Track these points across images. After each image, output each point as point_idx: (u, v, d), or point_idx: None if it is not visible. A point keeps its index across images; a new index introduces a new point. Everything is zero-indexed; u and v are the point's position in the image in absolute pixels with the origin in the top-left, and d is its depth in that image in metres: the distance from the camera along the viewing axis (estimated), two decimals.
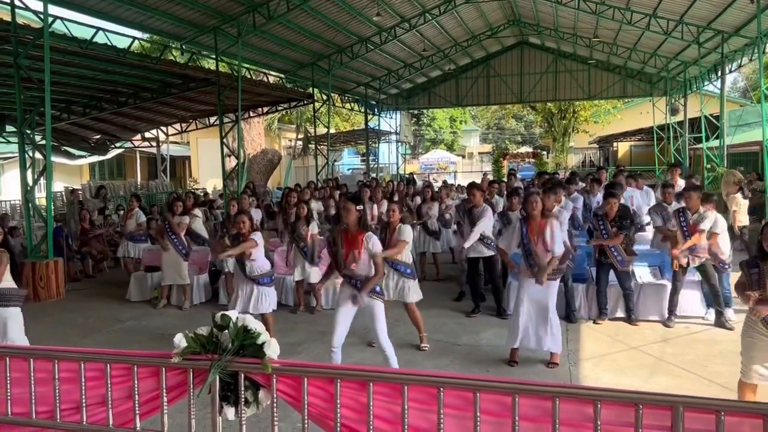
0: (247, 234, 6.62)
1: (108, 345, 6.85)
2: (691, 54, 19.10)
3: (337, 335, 5.24)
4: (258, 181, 19.72)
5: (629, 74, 25.59)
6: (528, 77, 26.71)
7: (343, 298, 5.32)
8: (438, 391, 2.29)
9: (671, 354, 6.27)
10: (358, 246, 5.16)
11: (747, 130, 21.50)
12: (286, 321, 7.87)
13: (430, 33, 20.98)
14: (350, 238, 5.23)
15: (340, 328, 5.25)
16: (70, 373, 2.71)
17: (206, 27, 14.09)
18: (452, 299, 8.84)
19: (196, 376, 2.57)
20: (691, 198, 7.18)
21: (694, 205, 7.13)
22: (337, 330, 5.24)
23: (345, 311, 5.27)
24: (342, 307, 5.29)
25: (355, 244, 5.18)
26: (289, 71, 19.78)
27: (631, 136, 32.25)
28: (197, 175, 27.92)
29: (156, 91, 15.92)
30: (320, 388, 2.47)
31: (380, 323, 5.23)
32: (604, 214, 7.40)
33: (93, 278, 11.72)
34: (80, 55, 11.55)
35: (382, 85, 25.42)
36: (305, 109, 27.19)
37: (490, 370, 5.91)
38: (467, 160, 53.07)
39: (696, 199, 7.16)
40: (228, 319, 2.58)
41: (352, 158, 44.56)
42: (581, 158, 42.47)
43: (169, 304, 9.08)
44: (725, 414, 2.00)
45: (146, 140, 23.18)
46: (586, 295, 7.68)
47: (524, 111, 48.43)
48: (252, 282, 6.62)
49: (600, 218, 7.43)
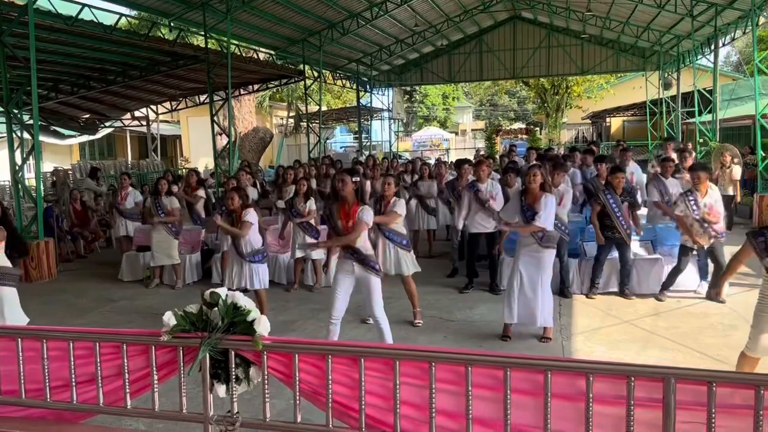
0: (240, 210, 6.60)
1: (100, 325, 6.84)
2: (684, 27, 18.98)
3: (337, 308, 5.30)
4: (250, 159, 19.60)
5: (622, 48, 25.45)
6: (521, 52, 26.53)
7: (340, 272, 5.33)
8: (430, 366, 2.28)
9: (663, 327, 6.31)
10: (354, 218, 5.16)
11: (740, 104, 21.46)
12: (278, 299, 7.86)
13: (422, 8, 20.74)
14: (347, 210, 5.23)
15: (340, 301, 5.30)
16: (59, 352, 2.69)
17: (194, 3, 13.87)
18: (445, 275, 8.86)
19: (187, 354, 2.56)
20: (700, 179, 6.78)
21: (704, 187, 6.81)
22: (336, 303, 5.29)
23: (343, 284, 5.31)
24: (339, 281, 5.32)
25: (352, 216, 5.18)
26: (280, 48, 19.55)
27: (624, 111, 32.19)
28: (188, 154, 27.74)
29: (144, 69, 15.72)
30: (312, 364, 2.46)
31: (377, 297, 5.27)
32: (613, 188, 7.33)
33: (85, 258, 11.67)
34: (66, 32, 11.36)
35: (374, 62, 25.20)
36: (296, 87, 26.93)
37: (483, 345, 5.93)
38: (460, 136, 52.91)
39: (705, 179, 6.82)
40: (217, 296, 2.56)
41: (345, 136, 44.32)
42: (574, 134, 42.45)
43: (161, 284, 9.05)
44: (717, 385, 2.00)
45: (136, 119, 22.97)
46: (579, 270, 7.70)
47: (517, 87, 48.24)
48: (244, 259, 6.60)
49: (608, 193, 7.29)
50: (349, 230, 5.20)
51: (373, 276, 5.25)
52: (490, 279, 7.97)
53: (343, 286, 5.32)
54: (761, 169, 12.37)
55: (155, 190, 9.18)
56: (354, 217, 5.18)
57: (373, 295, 5.27)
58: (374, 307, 5.29)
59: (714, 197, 6.85)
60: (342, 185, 5.25)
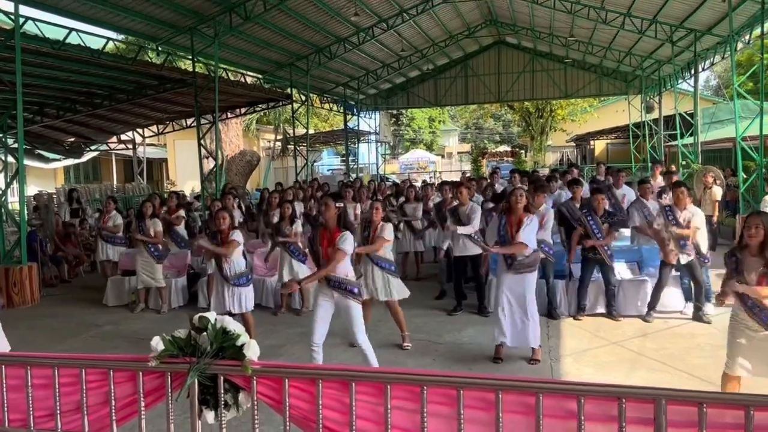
0: (227, 231, 6.57)
1: (85, 350, 6.73)
2: (665, 52, 19.34)
3: (317, 333, 5.23)
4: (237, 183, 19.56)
5: (605, 73, 25.85)
6: (505, 77, 26.87)
7: (320, 297, 5.30)
8: (421, 390, 2.27)
9: (651, 348, 6.32)
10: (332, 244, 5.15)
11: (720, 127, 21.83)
12: (266, 323, 7.80)
13: (408, 33, 20.99)
14: (329, 236, 5.21)
15: (320, 325, 5.24)
16: (44, 380, 2.65)
17: (182, 27, 13.93)
18: (434, 298, 8.84)
19: (175, 380, 2.53)
20: (683, 194, 7.05)
21: (683, 203, 7.04)
22: (316, 328, 5.23)
23: (324, 309, 5.27)
24: (320, 305, 5.28)
25: (332, 242, 5.16)
26: (267, 71, 19.65)
27: (608, 134, 32.58)
28: (175, 177, 27.63)
29: (131, 93, 15.70)
30: (302, 389, 2.44)
31: (357, 323, 5.20)
32: (593, 210, 7.41)
33: (69, 283, 11.52)
34: (53, 56, 11.34)
35: (361, 86, 25.39)
36: (284, 110, 27.04)
37: (472, 367, 5.91)
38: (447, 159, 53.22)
39: (686, 195, 7.08)
40: (206, 320, 2.54)
41: (332, 159, 44.42)
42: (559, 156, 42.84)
43: (147, 308, 8.95)
44: (707, 406, 2.01)
45: (122, 142, 22.87)
46: (566, 291, 7.73)
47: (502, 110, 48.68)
48: (228, 282, 6.57)
49: (589, 214, 7.41)
50: (328, 256, 5.16)
51: (352, 301, 5.19)
52: (478, 301, 7.96)
53: (323, 312, 5.27)
54: (743, 190, 12.54)
55: (139, 213, 9.14)
56: (334, 243, 5.15)
57: (353, 320, 5.19)
58: (356, 333, 5.21)
59: (693, 212, 7.01)
60: (324, 209, 5.25)
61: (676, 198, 7.10)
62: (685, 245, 6.99)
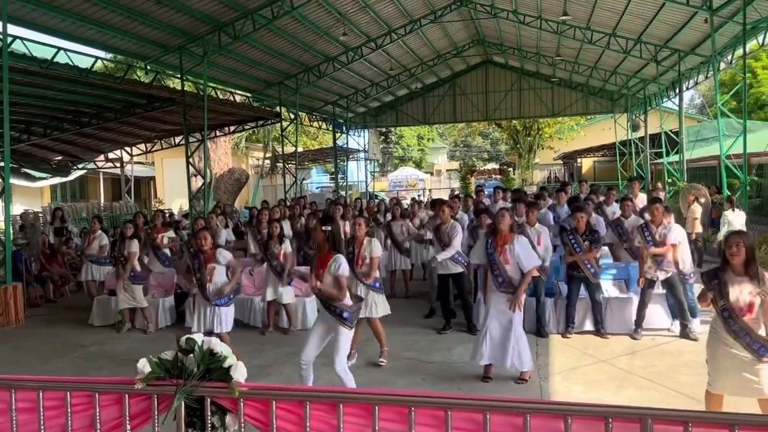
0: (209, 251, 6.58)
1: (70, 372, 6.65)
2: (650, 72, 19.64)
3: (308, 351, 5.19)
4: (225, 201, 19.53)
5: (591, 92, 26.17)
6: (493, 95, 27.14)
7: (320, 316, 5.33)
8: (409, 411, 2.27)
9: (639, 366, 6.34)
10: (324, 267, 5.14)
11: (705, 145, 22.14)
12: (253, 343, 7.75)
13: (397, 52, 21.18)
14: (321, 259, 5.21)
15: (311, 343, 5.20)
16: (29, 403, 2.61)
17: (171, 46, 13.98)
18: (423, 316, 8.83)
19: (161, 402, 2.51)
20: (658, 211, 7.27)
21: (658, 219, 7.24)
22: (307, 345, 5.20)
23: (319, 329, 5.26)
24: (316, 324, 5.31)
25: (322, 265, 5.15)
26: (256, 90, 19.71)
27: (595, 152, 32.90)
28: (163, 196, 27.53)
29: (120, 111, 15.70)
30: (289, 411, 2.42)
31: (342, 353, 5.11)
32: (574, 229, 7.49)
33: (54, 303, 11.39)
34: (41, 75, 11.34)
35: (350, 104, 25.52)
36: (273, 128, 27.10)
37: (461, 387, 5.90)
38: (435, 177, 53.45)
39: (661, 212, 7.28)
40: (193, 342, 2.53)
41: (321, 176, 44.47)
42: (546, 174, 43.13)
43: (133, 328, 8.86)
44: (692, 425, 2.02)
45: (110, 161, 22.80)
46: (554, 309, 7.75)
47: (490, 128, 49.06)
48: (209, 302, 6.56)
49: (570, 233, 7.50)
50: (320, 277, 5.14)
51: (343, 328, 5.12)
52: (466, 320, 7.96)
53: (319, 330, 5.25)
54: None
55: (121, 234, 9.13)
56: (325, 266, 5.12)
57: (338, 346, 5.10)
58: (336, 359, 5.09)
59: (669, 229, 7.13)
60: (315, 235, 5.28)
61: (651, 214, 7.30)
62: (662, 262, 7.08)
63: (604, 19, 16.41)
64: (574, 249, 7.38)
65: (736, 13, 12.29)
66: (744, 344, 4.02)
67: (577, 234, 7.43)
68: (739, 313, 4.03)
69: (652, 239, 7.15)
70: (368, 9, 16.28)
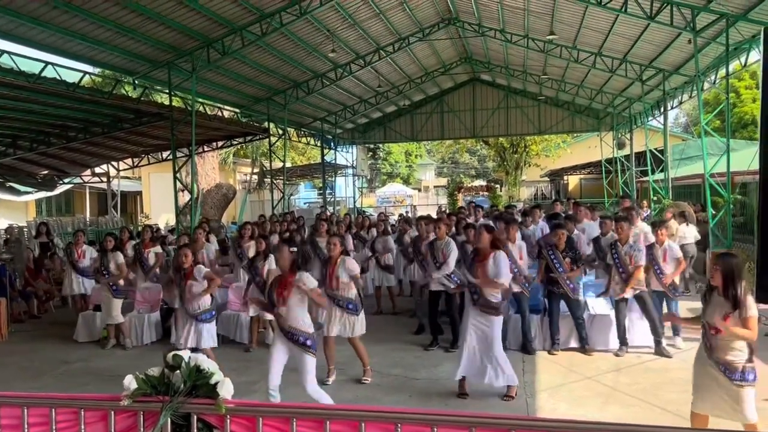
0: (190, 268, 6.60)
1: (54, 388, 6.57)
2: (635, 91, 19.92)
3: (273, 377, 5.16)
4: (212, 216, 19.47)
5: (577, 110, 26.46)
6: (480, 113, 27.36)
7: (277, 339, 5.27)
8: (395, 427, 2.28)
9: (625, 383, 6.37)
10: (288, 288, 5.12)
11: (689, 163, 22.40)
12: (239, 359, 7.70)
13: (385, 70, 21.33)
14: (282, 281, 5.20)
15: (275, 369, 5.17)
16: (13, 420, 2.59)
17: (160, 62, 13.99)
18: (411, 332, 8.82)
19: (147, 419, 2.50)
20: (622, 229, 7.29)
21: (625, 236, 7.29)
22: (271, 372, 5.16)
23: (278, 353, 5.20)
24: (275, 348, 5.23)
25: (285, 286, 5.14)
26: (245, 106, 19.74)
27: (581, 170, 33.19)
28: (149, 211, 27.39)
29: (107, 126, 15.65)
30: (276, 428, 2.43)
31: (308, 374, 5.08)
32: (554, 245, 7.54)
33: (38, 318, 11.26)
34: (28, 89, 11.30)
35: (338, 120, 25.62)
36: (261, 143, 27.10)
37: (448, 403, 5.89)
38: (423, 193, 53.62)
39: (627, 229, 7.31)
40: (180, 358, 2.53)
41: (309, 192, 44.44)
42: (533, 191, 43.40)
43: (118, 344, 8.78)
44: None
45: (96, 175, 22.67)
46: (540, 326, 7.78)
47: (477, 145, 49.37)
48: (193, 318, 6.56)
49: (550, 249, 7.55)
50: (280, 303, 5.12)
51: (307, 355, 5.08)
52: (453, 336, 7.96)
53: (279, 356, 5.19)
54: (712, 226, 12.82)
55: (101, 247, 9.09)
56: (289, 289, 5.09)
57: (304, 371, 5.07)
58: (306, 385, 5.07)
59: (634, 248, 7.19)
60: (279, 255, 5.28)
61: (618, 231, 7.33)
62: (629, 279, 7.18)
63: (590, 38, 16.65)
64: (554, 265, 7.43)
65: (719, 34, 12.52)
66: (713, 362, 4.09)
67: (557, 250, 7.48)
68: (711, 331, 4.10)
69: (618, 258, 7.20)
70: (357, 26, 16.41)
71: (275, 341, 5.29)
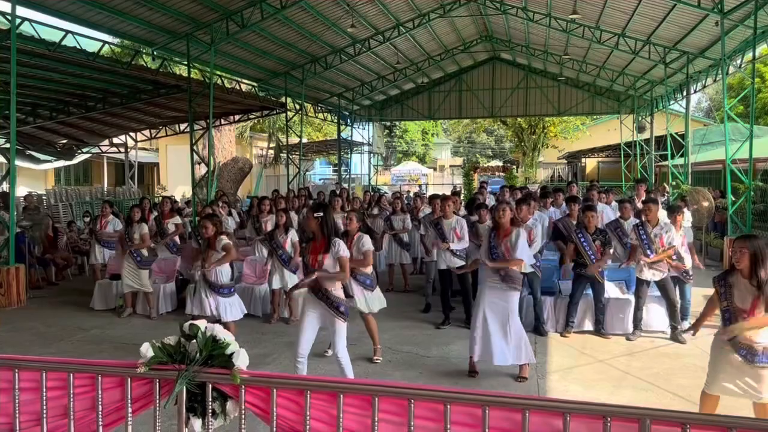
0: (214, 238, 6.63)
1: (71, 354, 6.68)
2: (658, 73, 19.57)
3: (303, 345, 5.16)
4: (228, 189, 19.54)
5: (598, 92, 26.10)
6: (499, 92, 27.07)
7: (308, 307, 5.27)
8: (409, 403, 2.28)
9: (637, 367, 6.36)
10: (323, 252, 5.15)
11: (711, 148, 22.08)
12: (254, 332, 7.78)
13: (404, 46, 21.13)
14: (317, 245, 5.23)
15: (306, 337, 5.18)
16: (31, 383, 2.63)
17: (179, 33, 13.96)
18: (420, 311, 8.85)
19: (163, 387, 2.52)
20: (650, 211, 7.30)
21: (654, 218, 7.27)
22: (302, 339, 5.17)
23: (310, 320, 5.22)
24: (307, 316, 5.24)
25: (320, 250, 5.17)
26: (262, 80, 19.69)
27: (599, 152, 32.82)
28: (166, 182, 27.56)
29: (126, 97, 15.70)
30: (290, 399, 2.44)
31: (341, 337, 5.15)
32: (584, 227, 7.47)
33: (56, 285, 11.44)
34: (48, 57, 11.34)
35: (356, 96, 25.49)
36: (277, 118, 27.08)
37: (459, 382, 5.91)
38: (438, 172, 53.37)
39: (655, 211, 7.31)
40: (196, 328, 2.55)
41: (324, 168, 44.47)
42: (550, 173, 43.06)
43: (134, 313, 8.90)
44: (691, 427, 2.03)
45: (114, 146, 22.82)
46: (554, 308, 7.76)
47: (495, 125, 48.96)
48: (214, 292, 6.60)
49: (580, 231, 7.48)
50: (316, 265, 5.15)
51: (339, 320, 5.14)
52: (465, 314, 7.97)
53: (311, 323, 5.21)
54: (731, 212, 12.67)
55: (128, 218, 9.15)
56: (319, 252, 5.13)
57: (337, 334, 5.14)
58: (338, 345, 5.15)
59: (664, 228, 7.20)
60: (306, 222, 5.27)
61: (645, 214, 7.34)
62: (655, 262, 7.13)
63: (613, 18, 16.35)
64: (584, 247, 7.35)
65: (747, 16, 12.23)
66: (735, 347, 4.05)
67: (586, 232, 7.41)
68: (739, 316, 4.05)
69: (647, 238, 7.17)
70: (377, 1, 16.24)
71: (307, 309, 5.27)
